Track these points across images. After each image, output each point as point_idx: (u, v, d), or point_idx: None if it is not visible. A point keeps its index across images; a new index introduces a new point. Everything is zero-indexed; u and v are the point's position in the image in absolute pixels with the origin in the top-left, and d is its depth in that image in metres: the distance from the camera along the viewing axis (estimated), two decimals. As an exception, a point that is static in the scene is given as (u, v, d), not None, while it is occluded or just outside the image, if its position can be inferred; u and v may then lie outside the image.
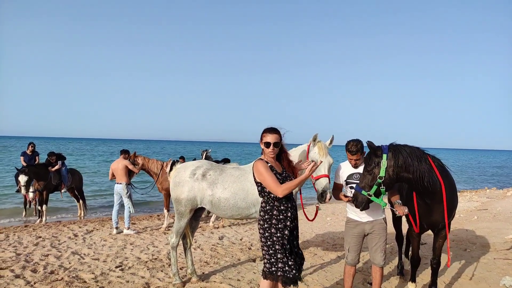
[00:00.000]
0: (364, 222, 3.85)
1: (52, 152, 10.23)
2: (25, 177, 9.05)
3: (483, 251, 6.34)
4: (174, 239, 4.78)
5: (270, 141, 3.23)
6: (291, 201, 3.31)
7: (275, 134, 3.26)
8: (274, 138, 3.24)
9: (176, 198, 4.67)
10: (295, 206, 3.39)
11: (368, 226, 3.85)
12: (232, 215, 4.53)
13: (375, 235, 3.84)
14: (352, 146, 3.76)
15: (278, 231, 3.17)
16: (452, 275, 5.19)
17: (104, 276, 5.19)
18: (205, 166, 4.70)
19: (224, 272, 5.38)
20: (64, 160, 10.26)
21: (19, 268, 5.39)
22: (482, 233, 7.80)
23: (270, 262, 3.18)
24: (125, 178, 8.24)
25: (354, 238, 3.91)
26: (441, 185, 3.66)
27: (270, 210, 3.23)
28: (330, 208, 12.22)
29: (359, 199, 3.62)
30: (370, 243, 3.89)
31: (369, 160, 3.61)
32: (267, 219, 3.22)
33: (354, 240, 3.91)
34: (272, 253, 3.17)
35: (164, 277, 5.18)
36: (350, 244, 3.93)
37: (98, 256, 6.18)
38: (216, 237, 7.80)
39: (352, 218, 3.94)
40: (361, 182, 3.65)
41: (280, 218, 3.19)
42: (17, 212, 11.32)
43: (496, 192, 18.40)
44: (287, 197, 3.25)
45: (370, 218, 3.85)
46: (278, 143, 3.27)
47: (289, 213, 3.24)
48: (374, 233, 3.85)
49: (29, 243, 6.93)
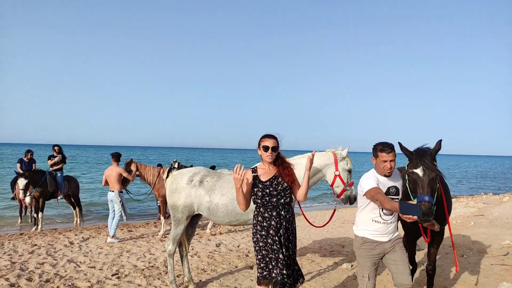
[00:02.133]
0: (386, 241, 3.30)
1: (56, 144, 10.25)
2: (24, 181, 8.97)
3: (480, 257, 6.35)
4: (170, 246, 4.76)
5: (268, 145, 3.31)
6: (278, 210, 3.28)
7: (273, 139, 3.35)
8: (272, 142, 3.32)
9: (172, 205, 4.66)
10: (284, 217, 3.29)
11: (388, 244, 3.31)
12: (230, 221, 4.52)
13: (397, 250, 3.29)
14: (385, 146, 3.22)
15: (262, 237, 3.26)
16: (449, 281, 5.19)
17: (101, 284, 5.15)
18: (202, 173, 4.71)
19: (221, 280, 5.35)
20: (65, 159, 10.26)
21: (14, 277, 5.34)
22: (479, 238, 7.82)
23: (260, 267, 3.24)
24: (117, 185, 8.12)
25: (374, 260, 3.33)
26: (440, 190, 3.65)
27: (256, 216, 3.36)
28: (327, 215, 12.21)
29: (431, 214, 3.05)
30: (392, 262, 3.30)
31: (431, 163, 3.28)
32: (254, 224, 3.36)
33: (373, 263, 3.34)
34: (260, 258, 3.25)
35: (161, 285, 5.15)
36: (370, 269, 3.33)
37: (94, 264, 6.13)
38: (213, 244, 7.77)
39: (371, 239, 3.32)
40: (425, 189, 3.18)
41: (263, 225, 3.27)
42: (12, 220, 11.25)
43: (492, 197, 18.45)
44: (273, 205, 3.28)
45: (393, 235, 3.34)
46: (276, 148, 3.34)
47: (273, 221, 3.25)
48: (395, 250, 3.30)
49: (24, 251, 6.86)
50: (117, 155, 8.53)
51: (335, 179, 4.48)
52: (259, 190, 3.30)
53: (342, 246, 7.60)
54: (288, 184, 3.33)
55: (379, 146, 3.25)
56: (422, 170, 3.27)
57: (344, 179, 4.48)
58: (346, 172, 4.51)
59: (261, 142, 3.36)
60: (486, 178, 40.29)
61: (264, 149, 3.32)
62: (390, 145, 3.24)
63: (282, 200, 3.30)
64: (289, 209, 3.37)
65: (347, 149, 4.59)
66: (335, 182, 4.49)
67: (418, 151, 3.40)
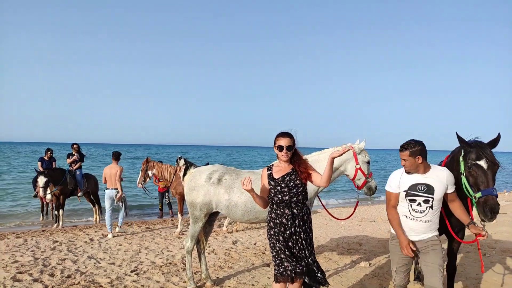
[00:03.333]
0: (417, 241, 3.25)
1: (75, 143, 10.53)
2: (44, 179, 9.23)
3: (503, 256, 6.19)
4: (189, 243, 4.80)
5: (283, 145, 3.30)
6: (291, 208, 3.27)
7: (288, 138, 3.33)
8: (286, 142, 3.31)
9: (191, 202, 4.69)
10: (297, 215, 3.28)
11: (420, 244, 3.25)
12: (249, 219, 4.54)
13: (429, 252, 3.22)
14: (402, 145, 3.21)
15: (275, 234, 3.28)
16: (470, 281, 5.08)
17: (120, 281, 5.24)
18: (221, 171, 4.72)
19: (238, 277, 5.37)
20: (83, 158, 10.47)
21: (37, 272, 5.48)
22: (501, 237, 7.63)
23: (276, 263, 3.25)
24: (118, 183, 8.35)
25: (403, 257, 3.35)
26: None
27: (270, 212, 3.40)
28: (344, 212, 12.10)
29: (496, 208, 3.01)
30: (423, 263, 3.27)
31: (493, 154, 3.21)
32: (268, 220, 3.39)
33: (402, 260, 3.37)
34: (275, 254, 3.26)
35: (179, 281, 5.20)
36: (398, 264, 3.40)
37: (114, 261, 6.24)
38: (229, 241, 7.80)
39: None
40: (491, 182, 3.13)
41: (276, 222, 3.30)
42: (35, 217, 11.58)
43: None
44: (285, 203, 3.28)
45: (425, 236, 3.24)
46: (291, 147, 3.32)
47: (283, 219, 3.25)
48: (426, 250, 3.24)
49: (46, 247, 7.04)
50: (117, 154, 8.77)
51: (356, 173, 4.55)
52: (272, 188, 3.34)
53: (360, 244, 7.53)
54: (302, 181, 3.32)
55: (401, 145, 3.24)
56: (485, 162, 3.17)
57: (365, 171, 4.56)
58: (365, 164, 4.60)
59: (276, 141, 3.35)
60: (507, 175, 39.20)
61: (279, 149, 3.32)
62: (405, 144, 3.20)
63: (295, 198, 3.28)
64: (302, 207, 3.33)
65: (364, 141, 4.62)
66: (357, 176, 4.56)
67: (479, 143, 3.29)
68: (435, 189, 3.17)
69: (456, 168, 3.46)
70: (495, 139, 3.32)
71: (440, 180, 3.19)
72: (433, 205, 3.19)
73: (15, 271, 5.50)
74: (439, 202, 3.22)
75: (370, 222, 10.52)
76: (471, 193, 3.25)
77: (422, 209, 3.19)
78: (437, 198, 3.19)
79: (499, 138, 3.31)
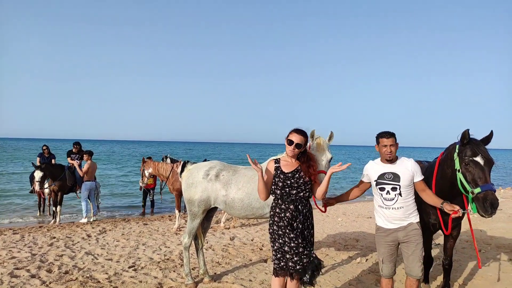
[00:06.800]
0: (396, 228, 3.43)
1: (77, 142, 10.57)
2: (40, 173, 9.38)
3: (498, 252, 6.25)
4: (186, 239, 4.81)
5: (293, 140, 3.33)
6: (296, 204, 3.31)
7: (300, 136, 3.36)
8: (298, 139, 3.34)
9: (189, 199, 4.70)
10: (301, 211, 3.34)
11: (402, 234, 3.41)
12: (246, 215, 4.55)
13: (411, 243, 3.38)
14: (385, 132, 3.41)
15: (278, 228, 3.30)
16: (466, 276, 5.13)
17: (118, 276, 5.25)
18: (218, 167, 4.73)
19: (236, 273, 5.39)
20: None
21: (35, 268, 5.49)
22: (497, 233, 7.69)
23: (277, 257, 3.26)
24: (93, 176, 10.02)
25: (388, 247, 3.50)
26: None
27: (273, 207, 3.40)
28: (341, 209, 12.15)
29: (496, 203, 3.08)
30: (405, 252, 3.45)
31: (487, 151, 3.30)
32: (271, 215, 3.39)
33: (387, 250, 3.51)
34: (276, 248, 3.27)
35: (177, 277, 5.22)
36: (384, 254, 3.53)
37: (111, 257, 6.25)
38: (227, 237, 7.83)
39: (381, 226, 3.54)
40: (488, 178, 3.21)
41: (281, 216, 3.31)
42: (32, 213, 11.55)
43: (510, 192, 18.08)
44: (291, 199, 3.31)
45: (403, 223, 3.41)
46: (300, 145, 3.34)
47: (288, 213, 3.28)
48: (409, 240, 3.39)
49: (43, 243, 7.04)
50: (91, 152, 10.30)
51: None
52: (280, 181, 3.32)
53: (356, 240, 7.57)
54: (311, 178, 3.38)
55: (380, 133, 3.44)
56: (482, 158, 3.26)
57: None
58: None
59: (289, 134, 3.37)
60: (505, 172, 39.43)
61: (288, 143, 3.35)
62: (388, 131, 3.41)
63: (301, 194, 3.32)
64: (306, 204, 3.39)
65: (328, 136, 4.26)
66: None
67: (473, 140, 3.38)
68: (401, 177, 3.36)
69: (451, 165, 3.50)
70: (488, 136, 3.41)
71: (406, 168, 3.39)
72: (402, 192, 3.36)
73: (13, 267, 5.50)
74: (407, 189, 3.38)
75: (367, 218, 10.57)
76: (468, 189, 3.29)
77: (391, 196, 3.40)
78: (404, 185, 3.35)
79: (492, 135, 3.40)
